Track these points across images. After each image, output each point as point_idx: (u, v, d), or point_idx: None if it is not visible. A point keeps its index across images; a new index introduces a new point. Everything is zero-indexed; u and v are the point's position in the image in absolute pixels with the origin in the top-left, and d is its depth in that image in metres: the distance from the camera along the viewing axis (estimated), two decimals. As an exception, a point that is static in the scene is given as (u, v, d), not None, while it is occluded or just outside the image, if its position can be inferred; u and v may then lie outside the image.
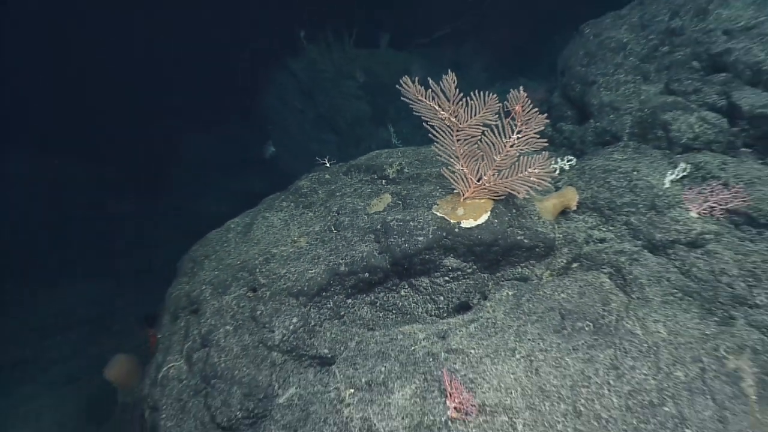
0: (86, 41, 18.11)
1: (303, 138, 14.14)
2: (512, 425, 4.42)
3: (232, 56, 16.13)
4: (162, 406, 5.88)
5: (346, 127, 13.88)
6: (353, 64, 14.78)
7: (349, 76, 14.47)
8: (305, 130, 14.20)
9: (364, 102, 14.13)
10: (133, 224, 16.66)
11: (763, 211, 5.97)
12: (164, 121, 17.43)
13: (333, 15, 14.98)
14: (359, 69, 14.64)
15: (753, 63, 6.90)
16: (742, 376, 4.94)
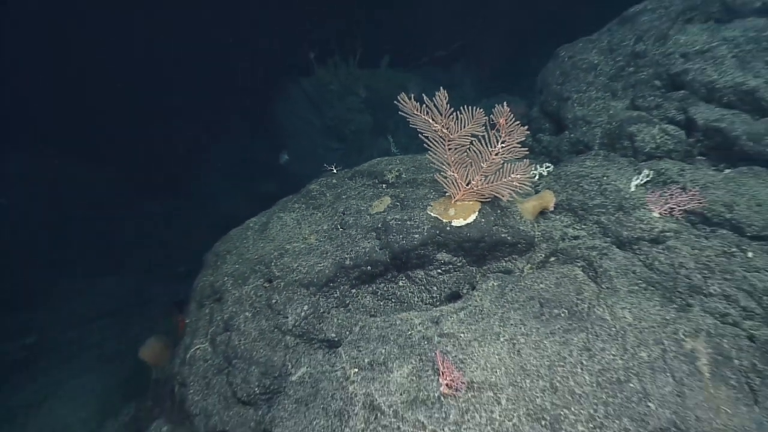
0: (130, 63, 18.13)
1: (312, 146, 14.16)
2: (497, 400, 4.44)
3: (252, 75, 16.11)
4: (190, 383, 5.93)
5: (350, 137, 13.91)
6: (357, 81, 14.82)
7: (353, 93, 14.50)
8: (314, 140, 14.22)
9: (366, 115, 14.16)
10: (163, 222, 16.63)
11: (716, 211, 6.00)
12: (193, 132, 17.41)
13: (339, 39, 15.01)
14: (362, 86, 14.67)
15: (707, 82, 6.94)
16: (697, 356, 4.96)
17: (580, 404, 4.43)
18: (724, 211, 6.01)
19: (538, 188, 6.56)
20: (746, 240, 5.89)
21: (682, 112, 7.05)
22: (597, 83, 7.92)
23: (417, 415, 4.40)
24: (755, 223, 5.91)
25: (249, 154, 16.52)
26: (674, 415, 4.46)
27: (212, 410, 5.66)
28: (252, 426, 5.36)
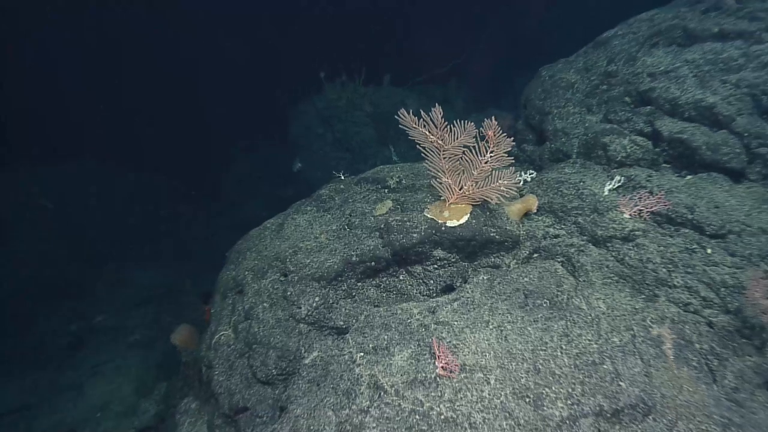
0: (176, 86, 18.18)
1: (323, 156, 14.15)
2: (486, 380, 4.44)
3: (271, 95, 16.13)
4: (215, 365, 5.94)
5: (356, 147, 13.88)
6: (362, 98, 14.81)
7: (359, 108, 14.48)
8: (325, 150, 14.21)
9: (370, 128, 14.14)
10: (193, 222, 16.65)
11: (679, 212, 5.97)
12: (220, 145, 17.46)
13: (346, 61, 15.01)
14: (367, 102, 14.66)
15: (671, 98, 6.94)
16: (662, 340, 4.97)
17: (560, 384, 4.43)
18: (686, 213, 5.98)
19: (522, 192, 6.55)
20: (706, 238, 5.88)
21: (649, 125, 7.02)
22: (574, 99, 7.90)
23: (416, 394, 4.39)
24: (713, 223, 5.90)
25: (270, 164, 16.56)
26: (642, 392, 4.46)
27: (235, 389, 5.66)
28: (270, 403, 5.36)
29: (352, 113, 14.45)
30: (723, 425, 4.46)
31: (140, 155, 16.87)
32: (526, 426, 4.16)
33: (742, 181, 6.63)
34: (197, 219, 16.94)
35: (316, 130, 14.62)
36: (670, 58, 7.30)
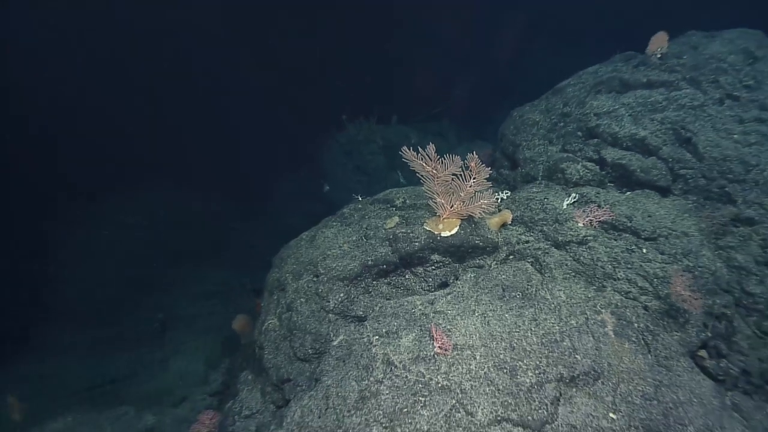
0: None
1: (345, 180, 14.15)
2: (473, 356, 4.41)
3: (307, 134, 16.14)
4: (265, 346, 5.90)
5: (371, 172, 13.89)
6: (375, 134, 14.83)
7: (372, 142, 14.50)
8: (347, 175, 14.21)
9: (382, 157, 14.13)
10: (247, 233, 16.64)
11: (621, 221, 5.92)
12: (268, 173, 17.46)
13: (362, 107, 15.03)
14: (379, 137, 14.68)
15: (612, 133, 6.88)
16: (607, 322, 4.92)
17: (530, 357, 4.40)
18: (626, 221, 5.92)
19: (500, 208, 6.47)
20: (641, 240, 5.83)
21: (596, 153, 6.95)
22: (539, 134, 7.82)
23: (419, 368, 4.37)
24: (647, 229, 5.84)
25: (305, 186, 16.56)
26: (593, 362, 4.44)
27: (280, 365, 5.62)
28: (307, 375, 5.33)
29: (368, 146, 14.45)
30: (655, 385, 4.43)
31: (211, 183, 16.94)
32: (504, 391, 4.13)
33: (669, 195, 6.55)
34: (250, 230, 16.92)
35: (340, 160, 14.64)
36: (611, 102, 7.21)
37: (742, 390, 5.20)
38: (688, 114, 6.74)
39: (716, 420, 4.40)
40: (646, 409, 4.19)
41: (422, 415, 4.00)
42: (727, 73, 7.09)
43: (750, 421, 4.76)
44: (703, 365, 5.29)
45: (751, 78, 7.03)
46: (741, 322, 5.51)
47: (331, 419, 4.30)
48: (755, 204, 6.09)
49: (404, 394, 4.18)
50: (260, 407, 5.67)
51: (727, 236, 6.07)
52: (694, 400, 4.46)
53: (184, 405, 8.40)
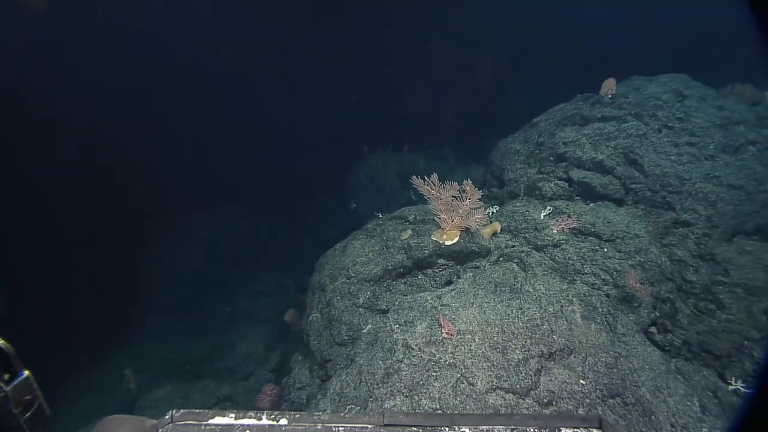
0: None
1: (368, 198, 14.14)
2: (473, 339, 4.47)
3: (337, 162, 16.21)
4: (310, 334, 5.93)
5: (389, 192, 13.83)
6: (391, 161, 14.79)
7: (389, 167, 14.48)
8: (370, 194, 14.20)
9: (397, 180, 14.08)
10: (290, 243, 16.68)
11: (586, 227, 5.94)
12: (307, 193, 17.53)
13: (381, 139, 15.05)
14: (394, 163, 14.65)
15: (577, 157, 6.86)
16: (576, 309, 4.93)
17: (518, 339, 4.44)
18: (591, 227, 5.92)
19: (491, 220, 6.42)
20: (603, 242, 5.83)
21: (565, 174, 6.92)
22: (519, 159, 7.76)
23: (431, 349, 4.43)
24: (607, 232, 5.87)
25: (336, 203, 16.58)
26: (567, 341, 4.47)
27: (323, 348, 5.65)
28: (344, 356, 5.34)
29: (385, 171, 14.42)
30: (615, 357, 4.47)
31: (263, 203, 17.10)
32: (497, 366, 4.18)
33: (623, 205, 6.53)
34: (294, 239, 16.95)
35: (364, 183, 14.63)
36: (575, 133, 7.18)
37: (684, 357, 5.22)
38: (635, 141, 6.73)
39: (663, 381, 4.43)
40: (608, 376, 4.24)
41: (434, 386, 4.08)
42: (663, 108, 7.09)
43: (690, 381, 4.80)
44: (653, 339, 5.31)
45: (682, 112, 7.02)
46: (682, 304, 5.52)
47: (363, 390, 4.39)
48: (690, 210, 6.10)
49: (420, 371, 4.25)
50: (309, 381, 5.70)
51: (669, 236, 6.09)
52: (646, 367, 4.50)
53: (251, 379, 8.46)
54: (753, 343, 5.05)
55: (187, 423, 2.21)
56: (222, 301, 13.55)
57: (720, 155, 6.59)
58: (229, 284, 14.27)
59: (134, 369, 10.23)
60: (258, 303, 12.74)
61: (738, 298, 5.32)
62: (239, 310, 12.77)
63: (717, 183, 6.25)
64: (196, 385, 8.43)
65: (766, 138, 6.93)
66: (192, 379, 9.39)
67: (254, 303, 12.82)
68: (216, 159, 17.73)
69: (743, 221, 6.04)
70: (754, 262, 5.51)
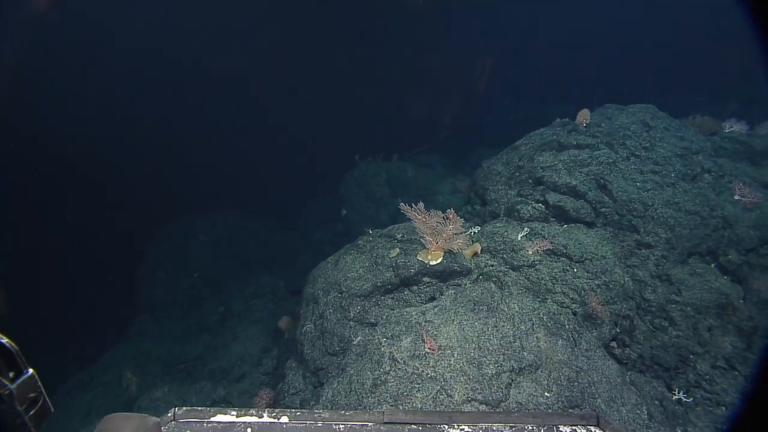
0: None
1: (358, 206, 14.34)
2: (452, 354, 4.89)
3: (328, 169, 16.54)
4: (305, 343, 6.32)
5: (378, 200, 13.97)
6: (381, 169, 15.00)
7: (379, 176, 14.63)
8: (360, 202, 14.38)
9: (386, 187, 14.26)
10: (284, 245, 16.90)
11: (559, 249, 6.37)
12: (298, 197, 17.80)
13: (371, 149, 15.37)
14: (384, 171, 14.83)
15: (553, 181, 7.24)
16: (546, 326, 5.39)
17: (492, 355, 4.91)
18: (563, 248, 6.37)
19: (472, 240, 6.75)
20: (574, 262, 6.27)
21: (542, 197, 7.24)
22: (501, 181, 8.05)
23: (415, 363, 4.89)
24: (577, 254, 6.31)
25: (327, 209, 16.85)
26: (535, 357, 4.94)
27: (316, 357, 6.03)
28: (335, 365, 5.71)
29: (375, 179, 14.60)
30: (576, 371, 4.96)
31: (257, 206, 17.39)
32: (473, 379, 4.68)
33: (593, 227, 6.95)
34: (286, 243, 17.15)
35: (354, 190, 14.83)
36: (552, 158, 7.53)
37: (638, 369, 5.73)
38: (605, 168, 7.21)
39: (618, 392, 4.97)
40: (569, 389, 4.76)
41: (417, 397, 4.57)
42: (632, 138, 7.58)
43: (641, 392, 5.32)
44: (613, 353, 5.83)
45: (648, 141, 7.56)
46: (639, 321, 6.03)
47: (353, 398, 4.87)
48: (652, 233, 6.62)
49: (404, 382, 4.74)
50: (302, 387, 6.09)
51: (632, 257, 6.60)
52: (604, 380, 5.02)
53: (245, 381, 8.70)
54: (696, 357, 5.63)
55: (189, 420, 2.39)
56: (215, 301, 13.80)
57: (680, 183, 7.14)
58: (223, 285, 14.51)
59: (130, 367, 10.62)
60: (250, 304, 12.93)
61: (687, 316, 5.89)
62: (232, 311, 12.95)
63: (676, 208, 6.78)
64: (193, 386, 8.74)
65: (720, 167, 7.56)
66: (188, 380, 9.69)
67: (247, 304, 13.00)
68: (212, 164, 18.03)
69: (698, 243, 6.62)
70: (703, 283, 6.09)
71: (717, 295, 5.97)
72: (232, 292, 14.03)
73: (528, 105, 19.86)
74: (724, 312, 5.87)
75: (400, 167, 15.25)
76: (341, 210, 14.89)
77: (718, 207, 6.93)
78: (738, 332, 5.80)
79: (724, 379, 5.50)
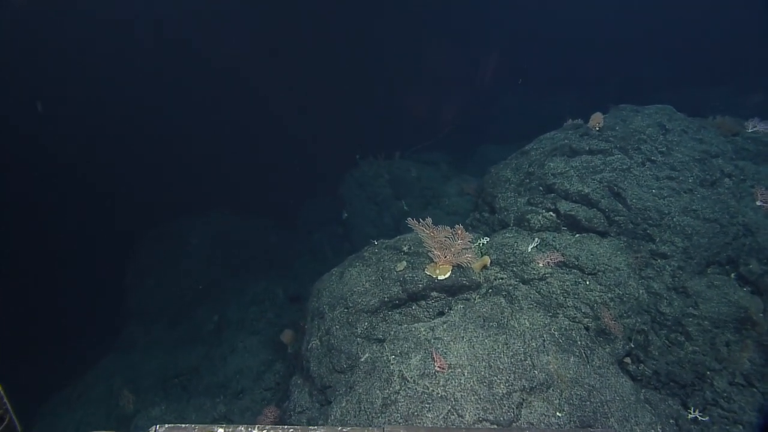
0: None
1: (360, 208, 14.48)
2: (462, 373, 5.18)
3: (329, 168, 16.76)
4: (311, 360, 6.57)
5: (381, 202, 14.15)
6: (382, 169, 15.14)
7: (381, 176, 14.78)
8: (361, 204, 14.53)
9: (389, 188, 14.42)
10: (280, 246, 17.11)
11: (570, 260, 6.62)
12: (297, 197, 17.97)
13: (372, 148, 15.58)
14: (386, 171, 14.98)
15: (564, 189, 7.45)
16: (558, 342, 5.69)
17: (503, 373, 5.22)
18: (574, 260, 6.65)
19: (481, 252, 7.01)
20: (586, 275, 6.55)
21: (553, 205, 7.45)
22: (510, 188, 8.24)
23: (425, 382, 5.20)
24: (590, 265, 6.59)
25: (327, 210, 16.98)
26: (546, 376, 5.24)
27: (323, 375, 6.30)
28: (343, 383, 5.96)
29: (377, 179, 14.77)
30: (589, 390, 5.27)
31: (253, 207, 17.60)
32: (484, 399, 4.99)
33: (607, 236, 7.19)
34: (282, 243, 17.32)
35: (355, 191, 15.00)
36: (563, 164, 7.76)
37: (653, 387, 6.05)
38: (619, 175, 7.47)
39: (632, 411, 5.29)
40: (581, 408, 5.08)
41: (428, 417, 4.89)
42: (647, 142, 7.85)
43: (656, 410, 5.63)
44: (627, 369, 6.15)
45: (664, 146, 7.83)
46: (654, 336, 6.33)
47: (363, 418, 5.19)
48: (668, 242, 6.89)
49: (415, 402, 5.06)
50: (309, 405, 6.37)
51: (647, 268, 6.88)
52: (617, 398, 5.34)
53: (246, 397, 8.93)
54: (714, 374, 5.95)
55: (171, 438, 2.50)
56: (209, 309, 13.96)
57: (698, 188, 7.42)
58: (217, 292, 14.71)
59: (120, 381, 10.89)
60: (247, 313, 13.06)
61: (704, 331, 6.19)
62: (227, 320, 13.10)
63: (694, 216, 7.06)
64: (191, 403, 9.03)
65: (741, 170, 7.83)
66: (184, 396, 9.94)
67: (243, 312, 13.13)
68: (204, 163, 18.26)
69: (717, 252, 6.90)
70: (721, 296, 6.38)
71: (735, 309, 6.23)
72: (227, 299, 14.14)
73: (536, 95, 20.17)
74: (743, 326, 6.15)
75: (403, 167, 15.47)
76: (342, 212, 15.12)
77: (738, 213, 7.18)
78: (757, 347, 6.08)
79: (742, 397, 5.79)
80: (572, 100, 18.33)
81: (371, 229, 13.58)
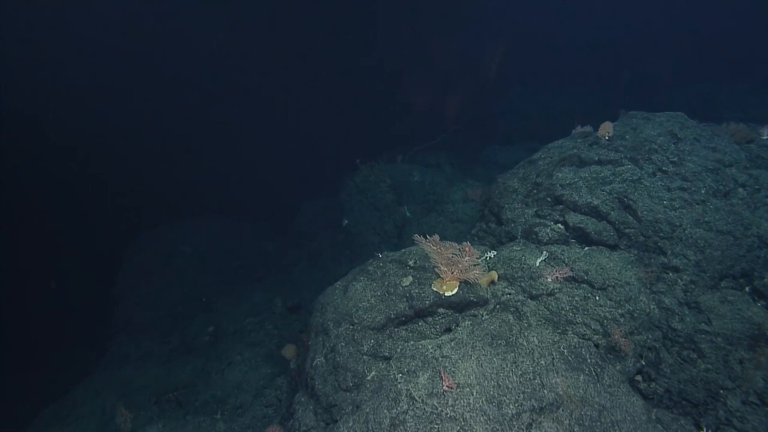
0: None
1: (361, 214, 14.62)
2: (471, 392, 5.39)
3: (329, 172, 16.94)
4: (315, 378, 6.77)
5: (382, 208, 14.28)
6: (384, 173, 15.25)
7: (382, 181, 14.89)
8: (362, 210, 14.66)
9: (391, 193, 14.55)
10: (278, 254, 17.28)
11: (579, 275, 6.81)
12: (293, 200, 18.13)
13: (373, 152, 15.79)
14: (387, 176, 15.10)
15: (573, 201, 7.62)
16: (567, 360, 5.90)
17: (512, 393, 5.44)
18: (584, 275, 6.85)
19: (489, 266, 7.18)
20: (595, 290, 6.76)
21: (561, 217, 7.63)
22: (517, 199, 8.41)
23: (433, 402, 5.42)
24: (599, 279, 6.79)
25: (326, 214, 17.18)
26: (556, 395, 5.46)
27: (328, 393, 6.50)
28: (349, 402, 6.17)
29: (378, 184, 14.88)
30: (599, 409, 5.48)
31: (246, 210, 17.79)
32: (493, 419, 5.22)
33: (617, 250, 7.38)
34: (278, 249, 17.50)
35: (355, 197, 15.17)
36: (572, 175, 7.93)
37: (665, 406, 6.27)
38: (630, 186, 7.67)
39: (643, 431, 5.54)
40: (591, 429, 5.31)
41: (437, 438, 5.14)
42: (658, 152, 8.07)
43: (668, 430, 5.86)
44: (638, 387, 6.38)
45: (675, 155, 8.06)
46: (666, 353, 6.55)
47: (372, 439, 5.44)
48: (680, 255, 7.10)
49: (423, 422, 5.29)
50: (314, 424, 6.58)
51: (659, 283, 7.10)
52: (628, 418, 5.58)
53: (246, 414, 9.12)
54: (727, 392, 6.19)
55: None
56: (204, 320, 14.18)
57: (711, 199, 7.64)
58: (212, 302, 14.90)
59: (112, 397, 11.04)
60: (244, 324, 13.26)
61: (717, 348, 6.42)
62: (223, 331, 13.32)
63: (707, 228, 7.27)
64: (189, 421, 9.22)
65: (756, 180, 8.05)
66: (180, 412, 10.12)
67: (240, 323, 13.34)
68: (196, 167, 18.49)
69: (730, 265, 7.12)
70: (734, 312, 6.60)
71: (749, 326, 6.44)
72: (222, 309, 14.39)
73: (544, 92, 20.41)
74: (757, 343, 6.38)
75: (405, 171, 15.66)
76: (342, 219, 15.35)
77: (753, 225, 7.38)
78: (771, 365, 6.32)
79: (756, 416, 5.99)
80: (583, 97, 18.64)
81: (373, 237, 13.84)
